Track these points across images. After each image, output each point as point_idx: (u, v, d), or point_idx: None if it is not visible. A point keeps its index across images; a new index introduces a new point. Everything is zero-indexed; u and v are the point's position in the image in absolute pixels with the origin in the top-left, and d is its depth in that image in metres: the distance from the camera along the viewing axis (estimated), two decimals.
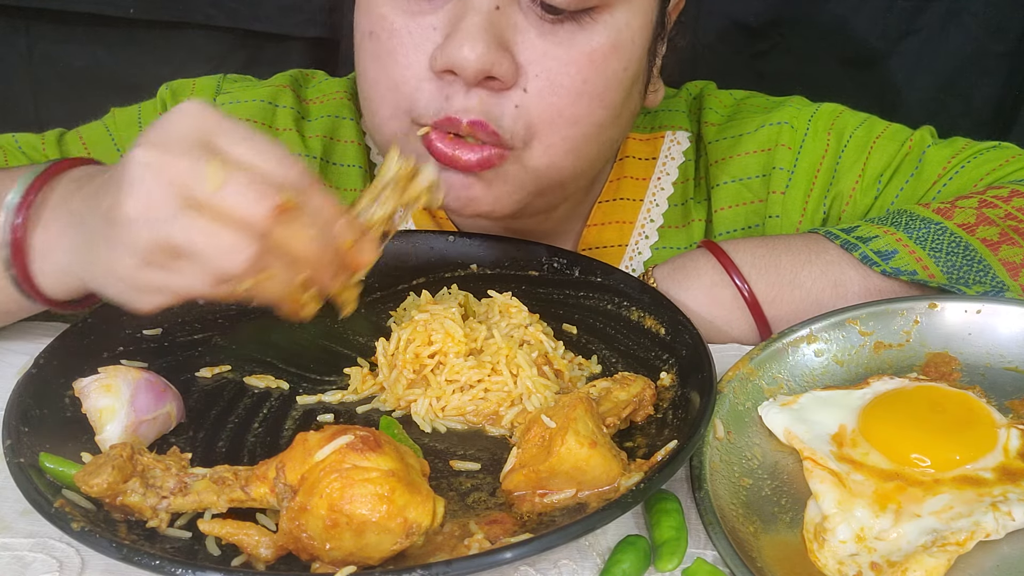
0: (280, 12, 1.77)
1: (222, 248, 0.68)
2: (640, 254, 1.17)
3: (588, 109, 0.94)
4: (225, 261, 0.69)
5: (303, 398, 0.84)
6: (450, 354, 0.82)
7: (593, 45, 0.92)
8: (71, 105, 1.79)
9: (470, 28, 0.87)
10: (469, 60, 0.87)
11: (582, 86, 0.92)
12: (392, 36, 0.93)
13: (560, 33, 0.91)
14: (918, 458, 0.73)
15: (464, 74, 0.88)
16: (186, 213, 0.68)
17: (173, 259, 0.70)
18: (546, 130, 0.93)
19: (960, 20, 1.71)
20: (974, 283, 0.90)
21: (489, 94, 0.91)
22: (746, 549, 0.68)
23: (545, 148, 0.94)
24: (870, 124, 1.16)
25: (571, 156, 0.96)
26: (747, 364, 0.84)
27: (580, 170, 1.00)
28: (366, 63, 0.97)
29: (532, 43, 0.91)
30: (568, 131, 0.94)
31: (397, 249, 1.04)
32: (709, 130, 1.19)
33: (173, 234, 0.68)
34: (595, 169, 1.05)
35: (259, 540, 0.65)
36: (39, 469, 0.70)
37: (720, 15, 1.75)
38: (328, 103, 1.19)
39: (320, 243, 0.73)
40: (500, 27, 0.89)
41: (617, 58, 0.94)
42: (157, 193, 0.68)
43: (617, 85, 0.96)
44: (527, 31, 0.91)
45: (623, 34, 0.94)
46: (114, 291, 0.75)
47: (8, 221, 0.80)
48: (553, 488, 0.70)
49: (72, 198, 0.80)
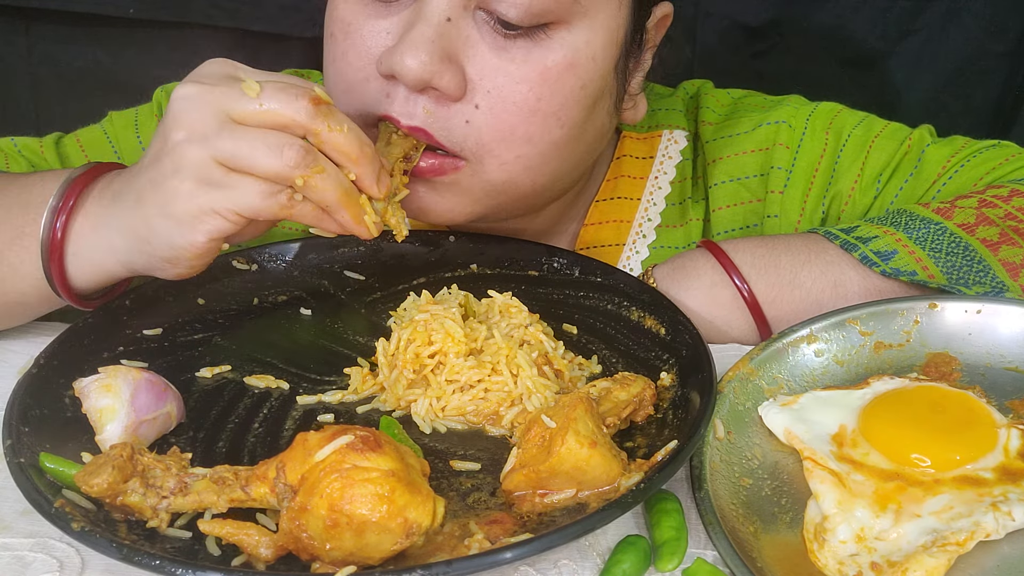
0: (280, 12, 1.77)
1: (271, 146, 0.75)
2: (637, 253, 1.17)
3: (543, 127, 0.93)
4: (275, 160, 0.75)
5: (303, 398, 0.84)
6: (450, 354, 0.82)
7: (547, 63, 0.91)
8: (71, 105, 1.80)
9: (416, 37, 0.87)
10: (411, 68, 0.87)
11: (535, 104, 0.91)
12: (347, 37, 0.94)
13: (513, 49, 0.90)
14: (918, 458, 0.73)
15: (404, 82, 0.89)
16: (232, 127, 0.75)
17: (227, 174, 0.76)
18: (499, 147, 0.92)
19: (960, 20, 1.71)
20: (974, 283, 0.90)
21: (436, 105, 0.90)
22: (746, 549, 0.68)
23: (500, 164, 0.93)
24: (869, 123, 1.15)
25: (529, 173, 0.95)
26: (747, 364, 0.84)
27: (542, 185, 0.99)
28: (326, 63, 0.98)
29: (484, 58, 0.90)
30: (522, 149, 0.93)
31: (397, 249, 1.04)
32: (706, 129, 1.19)
33: (223, 146, 0.75)
34: (564, 183, 1.04)
35: (259, 540, 0.65)
36: (39, 469, 0.70)
37: (720, 15, 1.75)
38: None
39: (358, 137, 0.79)
40: (450, 39, 0.89)
41: (574, 76, 0.93)
42: (202, 115, 0.76)
43: (575, 103, 0.94)
44: (478, 45, 0.90)
45: (581, 52, 0.92)
46: (165, 237, 0.79)
47: (48, 223, 0.85)
48: (553, 488, 0.70)
49: (108, 187, 0.86)
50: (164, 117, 0.79)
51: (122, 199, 0.83)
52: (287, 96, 0.76)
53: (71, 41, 1.81)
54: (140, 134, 1.16)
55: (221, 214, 0.77)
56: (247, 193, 0.77)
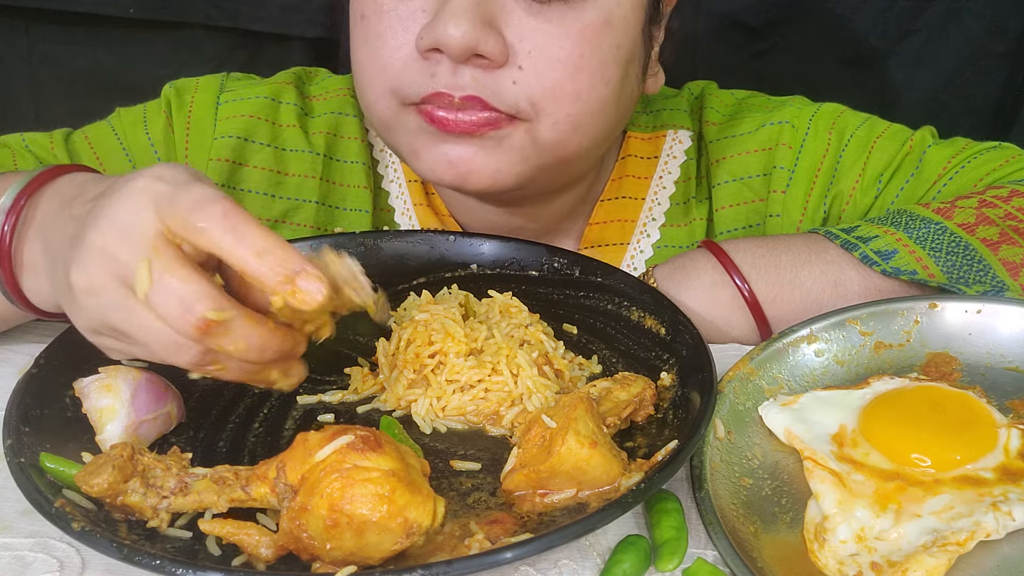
0: (280, 12, 1.77)
1: (164, 344, 0.67)
2: (642, 252, 1.17)
3: (590, 84, 0.94)
4: (167, 355, 0.68)
5: (303, 398, 0.84)
6: (450, 354, 0.82)
7: (584, 21, 0.92)
8: (71, 105, 1.80)
9: (456, 7, 0.88)
10: (454, 37, 0.88)
11: (579, 60, 0.93)
12: (381, 18, 0.94)
13: (548, 12, 0.91)
14: (918, 458, 0.73)
15: (450, 52, 0.89)
16: (128, 304, 0.66)
17: (121, 336, 0.69)
18: (551, 106, 0.93)
19: (960, 20, 1.71)
20: (974, 283, 0.90)
21: (482, 72, 0.91)
22: (746, 549, 0.68)
23: (552, 123, 0.94)
24: (871, 124, 1.16)
25: (577, 134, 0.96)
26: (747, 364, 0.84)
27: (584, 149, 1.00)
28: (357, 45, 0.98)
29: (521, 21, 0.91)
30: (573, 107, 0.94)
31: (397, 249, 1.04)
32: (710, 129, 1.19)
33: (116, 321, 0.68)
34: (599, 151, 1.05)
35: (259, 540, 0.65)
36: (39, 469, 0.70)
37: (720, 15, 1.75)
38: (331, 100, 1.19)
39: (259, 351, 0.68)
40: (487, 7, 0.90)
41: (611, 34, 0.94)
42: (101, 279, 0.67)
43: (614, 61, 0.96)
44: (514, 10, 0.91)
45: (614, 12, 0.94)
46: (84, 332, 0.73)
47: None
48: (553, 488, 0.70)
49: (51, 219, 0.78)
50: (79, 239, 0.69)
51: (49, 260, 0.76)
52: (177, 309, 0.65)
53: (71, 41, 1.81)
54: (149, 131, 1.16)
55: (121, 355, 0.73)
56: (146, 352, 0.69)
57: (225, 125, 1.15)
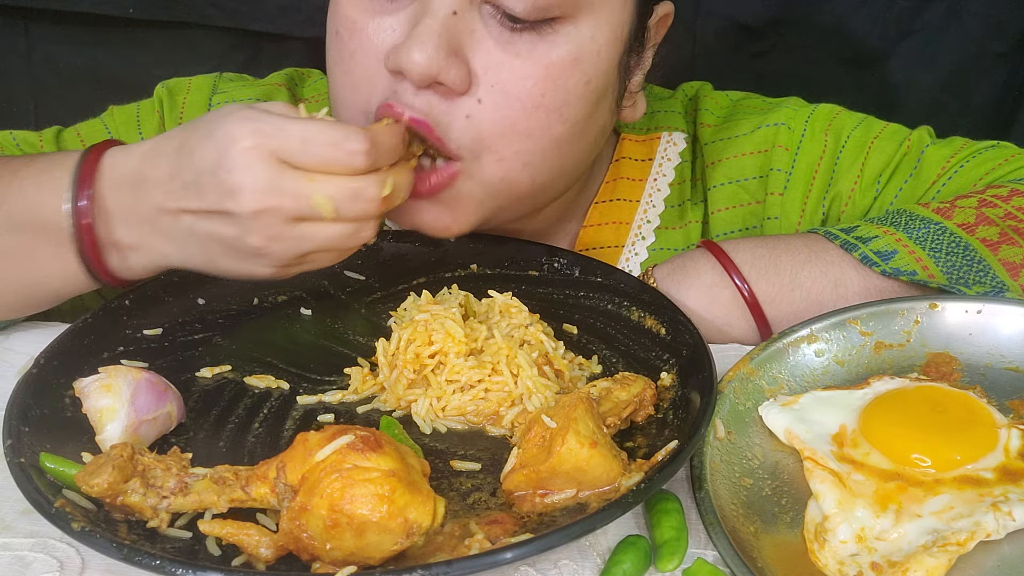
0: (280, 12, 1.77)
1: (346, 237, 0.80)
2: (636, 255, 1.17)
3: (545, 123, 0.92)
4: (355, 244, 0.82)
5: (303, 398, 0.84)
6: (450, 354, 0.82)
7: (552, 57, 0.90)
8: (71, 105, 1.79)
9: (422, 32, 0.87)
10: (418, 63, 0.86)
11: (539, 99, 0.91)
12: (353, 36, 0.93)
13: (519, 43, 0.90)
14: (919, 458, 0.73)
15: (411, 77, 0.88)
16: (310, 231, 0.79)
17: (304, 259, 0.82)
18: (497, 143, 0.92)
19: (960, 20, 1.70)
20: (974, 283, 0.90)
21: (439, 99, 0.89)
22: (746, 549, 0.68)
23: (497, 161, 0.92)
24: (868, 124, 1.15)
25: (528, 170, 0.94)
26: (747, 364, 0.84)
27: (541, 184, 0.98)
28: (332, 63, 0.97)
29: (488, 52, 0.89)
30: (521, 145, 0.92)
31: (397, 249, 1.04)
32: (705, 131, 1.19)
33: (303, 247, 0.80)
34: (564, 182, 1.03)
35: (259, 540, 0.65)
36: (39, 469, 0.70)
37: (719, 15, 1.75)
38: (324, 101, 1.19)
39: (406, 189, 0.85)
40: (455, 33, 0.88)
41: (579, 71, 0.92)
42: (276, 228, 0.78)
43: (578, 100, 0.94)
44: (484, 39, 0.89)
45: (586, 47, 0.92)
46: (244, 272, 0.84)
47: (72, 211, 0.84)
48: (553, 488, 0.70)
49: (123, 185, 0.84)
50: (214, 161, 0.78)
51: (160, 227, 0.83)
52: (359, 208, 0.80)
53: (71, 41, 1.81)
54: (142, 129, 1.15)
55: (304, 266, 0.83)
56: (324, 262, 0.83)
57: None
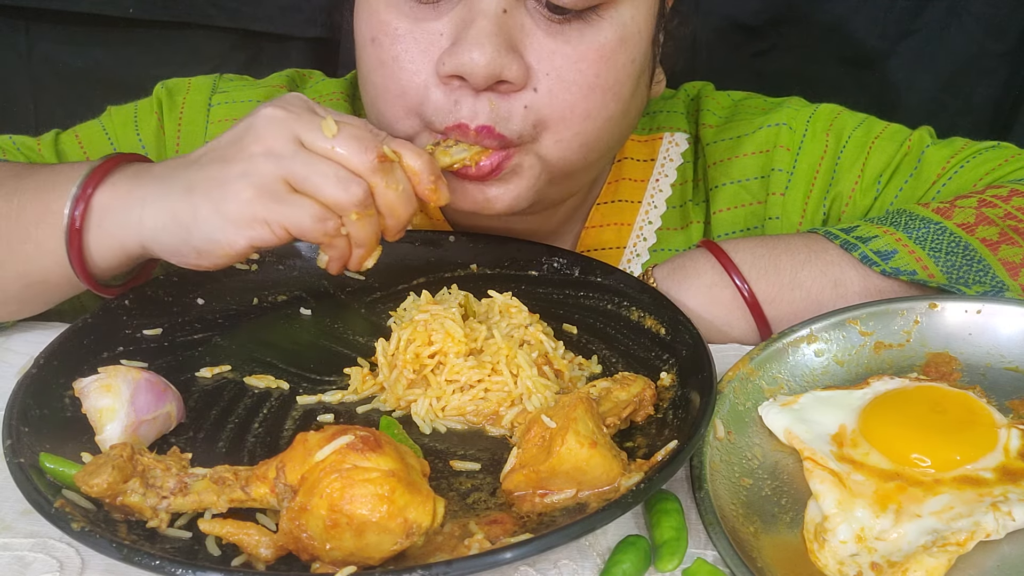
0: (280, 12, 1.77)
1: (341, 179, 0.80)
2: (638, 256, 1.17)
3: (601, 103, 0.94)
4: (341, 192, 0.80)
5: (303, 398, 0.84)
6: (450, 354, 0.82)
7: (601, 40, 0.92)
8: (70, 105, 1.79)
9: (479, 33, 0.87)
10: (480, 65, 0.87)
11: (594, 80, 0.93)
12: (396, 42, 0.93)
13: (567, 32, 0.91)
14: (918, 458, 0.73)
15: (474, 79, 0.88)
16: (307, 153, 0.81)
17: (289, 192, 0.80)
18: (557, 125, 0.93)
19: (960, 20, 1.70)
20: (974, 283, 0.90)
21: (499, 97, 0.91)
22: (746, 549, 0.68)
23: (555, 142, 0.94)
24: (868, 124, 1.15)
25: (583, 150, 0.97)
26: (747, 364, 0.84)
27: (590, 162, 1.00)
28: (370, 68, 0.96)
29: (540, 43, 0.91)
30: (581, 126, 0.94)
31: (397, 249, 1.04)
32: (707, 132, 1.19)
33: (297, 167, 0.80)
34: (606, 160, 1.06)
35: (259, 540, 0.65)
36: (39, 469, 0.70)
37: (719, 15, 1.75)
38: (325, 103, 1.18)
39: (408, 199, 0.85)
40: (508, 30, 0.89)
41: (625, 51, 0.95)
42: (282, 136, 0.81)
43: (627, 78, 0.96)
44: (534, 32, 0.91)
45: (629, 27, 0.94)
46: (208, 231, 0.81)
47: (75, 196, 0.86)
48: (553, 488, 0.70)
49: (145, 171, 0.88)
50: (242, 128, 0.83)
51: (168, 183, 0.85)
52: (358, 146, 0.81)
53: (71, 41, 1.81)
54: (140, 130, 1.15)
55: (271, 225, 0.80)
56: (303, 214, 0.80)
57: (217, 127, 1.14)
